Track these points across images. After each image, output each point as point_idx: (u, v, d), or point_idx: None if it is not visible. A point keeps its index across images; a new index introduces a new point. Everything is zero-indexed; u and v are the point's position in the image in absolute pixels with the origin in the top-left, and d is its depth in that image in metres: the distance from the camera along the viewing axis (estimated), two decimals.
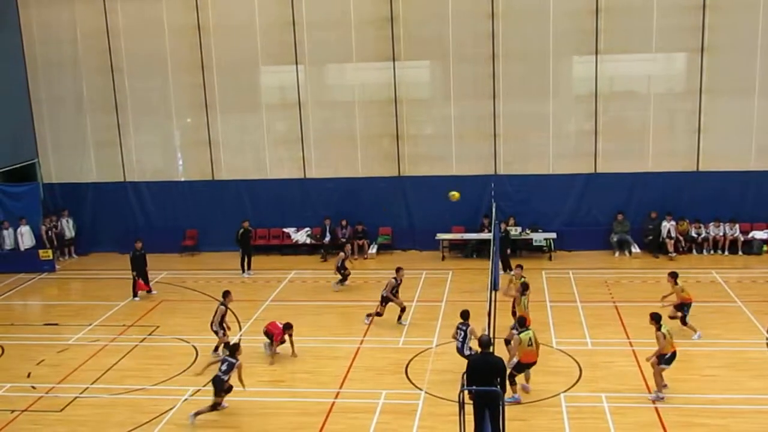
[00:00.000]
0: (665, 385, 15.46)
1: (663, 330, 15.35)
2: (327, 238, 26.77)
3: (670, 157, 25.77)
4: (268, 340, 17.90)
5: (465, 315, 16.40)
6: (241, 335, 19.27)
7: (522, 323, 15.61)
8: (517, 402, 15.00)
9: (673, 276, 18.23)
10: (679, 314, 18.49)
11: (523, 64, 25.72)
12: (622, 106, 25.92)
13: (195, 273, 25.34)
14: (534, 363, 15.41)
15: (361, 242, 26.72)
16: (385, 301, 19.81)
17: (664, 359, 15.36)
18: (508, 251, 24.65)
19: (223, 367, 15.16)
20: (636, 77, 25.95)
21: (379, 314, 19.76)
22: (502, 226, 24.34)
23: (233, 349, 15.36)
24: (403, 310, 19.80)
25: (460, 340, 16.06)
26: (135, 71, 27.46)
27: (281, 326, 17.91)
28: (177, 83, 27.32)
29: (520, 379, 15.53)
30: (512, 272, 21.41)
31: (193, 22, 26.76)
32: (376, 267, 25.54)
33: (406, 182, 26.82)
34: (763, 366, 16.70)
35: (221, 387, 15.04)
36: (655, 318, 15.56)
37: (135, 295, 22.90)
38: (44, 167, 28.52)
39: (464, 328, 16.18)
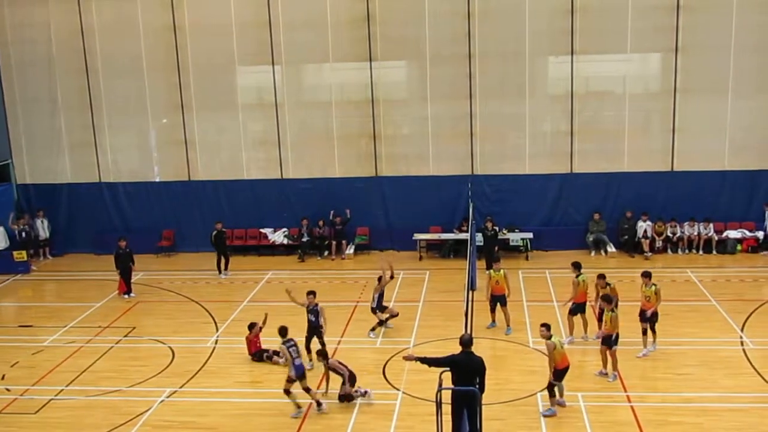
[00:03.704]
0: (607, 374, 15.91)
1: (615, 312, 15.96)
2: (304, 239, 26.70)
3: (645, 156, 25.93)
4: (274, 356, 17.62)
5: (283, 332, 15.52)
6: (218, 336, 19.16)
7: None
8: (553, 415, 14.66)
9: (648, 276, 17.57)
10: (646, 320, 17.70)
11: (499, 64, 25.79)
12: (598, 107, 26.04)
13: (171, 274, 25.18)
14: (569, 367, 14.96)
15: (342, 241, 26.61)
16: (379, 310, 19.27)
17: (611, 341, 15.86)
18: (496, 249, 24.72)
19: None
20: (611, 77, 26.10)
21: (382, 322, 19.27)
22: (489, 224, 24.43)
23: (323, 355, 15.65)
24: (394, 316, 19.45)
25: (295, 355, 15.19)
26: (110, 71, 27.21)
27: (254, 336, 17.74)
28: (153, 83, 27.11)
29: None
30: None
31: (169, 21, 26.57)
32: (354, 267, 25.50)
33: (384, 182, 26.80)
34: (738, 364, 16.81)
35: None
36: (607, 300, 16.06)
37: (125, 292, 22.76)
38: (18, 168, 28.21)
39: (291, 344, 15.31)
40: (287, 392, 15.02)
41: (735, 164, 25.61)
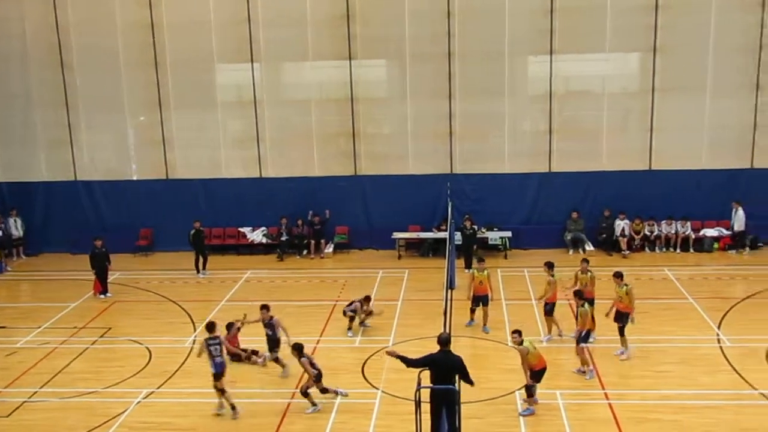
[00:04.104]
0: (585, 372, 16.07)
1: (586, 307, 16.08)
2: (282, 237, 26.59)
3: (623, 156, 26.07)
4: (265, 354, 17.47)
5: (210, 327, 15.31)
6: (196, 336, 19.02)
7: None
8: (531, 414, 14.66)
9: (620, 276, 17.37)
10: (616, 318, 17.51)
11: (479, 63, 25.82)
12: (577, 106, 26.15)
13: (149, 273, 24.99)
14: (546, 368, 14.96)
15: (321, 240, 26.54)
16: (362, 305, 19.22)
17: (583, 337, 15.97)
18: (476, 248, 24.76)
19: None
20: (590, 77, 26.21)
21: (369, 313, 19.28)
22: (468, 223, 24.42)
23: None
24: (369, 314, 19.37)
25: (217, 354, 15.01)
26: (86, 67, 26.89)
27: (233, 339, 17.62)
28: (130, 80, 26.86)
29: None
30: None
31: (146, 17, 26.32)
32: (333, 266, 25.46)
33: (363, 181, 26.79)
34: (715, 362, 16.90)
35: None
36: (577, 295, 16.32)
37: (101, 292, 22.56)
38: None
39: (215, 342, 15.15)
40: (221, 391, 14.97)
41: (712, 163, 25.81)
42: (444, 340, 12.97)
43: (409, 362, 12.90)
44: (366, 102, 26.49)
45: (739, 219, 25.28)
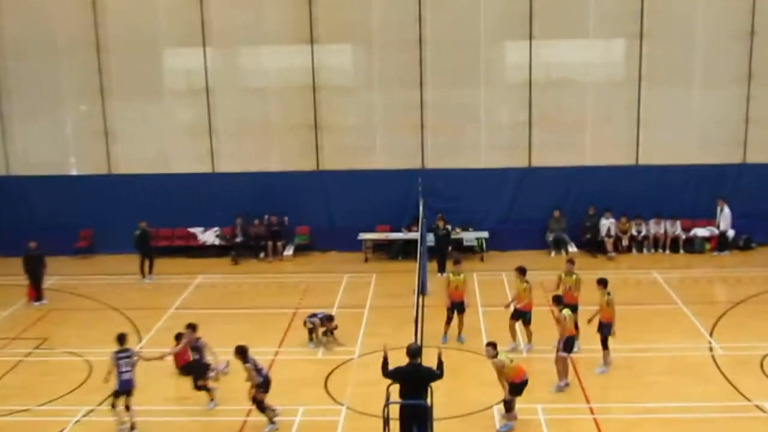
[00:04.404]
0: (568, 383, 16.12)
1: (565, 312, 16.06)
2: (238, 239, 26.47)
3: (608, 150, 26.35)
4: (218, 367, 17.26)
5: (121, 339, 15.23)
6: (141, 348, 18.79)
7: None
8: (510, 430, 14.67)
9: (603, 283, 17.12)
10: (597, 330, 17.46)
11: (452, 49, 25.93)
12: (558, 96, 26.33)
13: (89, 278, 24.75)
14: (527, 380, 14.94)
15: (278, 243, 26.49)
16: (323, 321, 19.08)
17: (565, 346, 15.99)
18: (450, 249, 24.84)
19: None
20: (572, 64, 26.43)
21: (330, 331, 19.08)
22: (440, 223, 24.49)
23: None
24: (330, 332, 19.13)
25: (126, 370, 14.91)
26: (19, 52, 26.54)
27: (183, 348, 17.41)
28: (68, 66, 26.59)
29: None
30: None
31: None
32: (293, 270, 25.39)
33: (326, 177, 26.79)
34: (706, 371, 17.04)
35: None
36: (557, 300, 16.38)
37: (36, 299, 22.30)
38: None
39: (125, 355, 15.08)
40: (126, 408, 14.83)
41: (703, 158, 26.15)
42: (413, 351, 12.95)
43: (383, 371, 12.93)
44: (329, 91, 26.47)
45: (725, 218, 25.63)
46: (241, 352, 15.01)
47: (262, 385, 14.99)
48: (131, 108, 26.89)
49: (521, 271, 18.32)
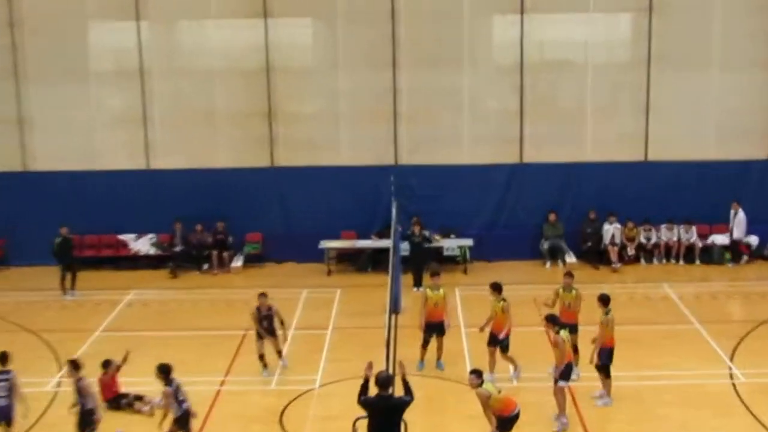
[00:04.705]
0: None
1: (562, 334, 15.88)
2: (177, 248, 26.38)
3: (612, 143, 26.54)
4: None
5: (3, 358, 15.20)
6: (61, 377, 18.58)
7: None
8: None
9: (604, 300, 16.96)
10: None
11: (430, 24, 26.08)
12: (554, 79, 26.53)
13: None
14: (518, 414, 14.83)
15: (224, 253, 26.48)
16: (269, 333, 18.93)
17: (563, 374, 15.87)
18: (428, 260, 24.88)
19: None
20: (570, 43, 26.61)
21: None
22: (416, 228, 24.57)
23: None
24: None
25: (2, 395, 14.92)
26: None
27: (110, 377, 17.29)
28: None
29: None
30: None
31: None
32: (243, 284, 25.23)
33: (282, 174, 26.84)
34: (726, 402, 17.03)
35: None
36: (551, 320, 16.08)
37: None
38: None
39: (3, 378, 15.01)
40: None
41: (722, 153, 26.39)
42: (383, 381, 12.91)
43: (359, 397, 13.03)
44: (286, 73, 26.53)
45: (738, 224, 25.91)
46: (164, 372, 14.76)
47: (179, 420, 14.69)
48: (51, 93, 26.76)
49: (496, 287, 18.13)
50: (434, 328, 18.61)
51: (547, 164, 26.50)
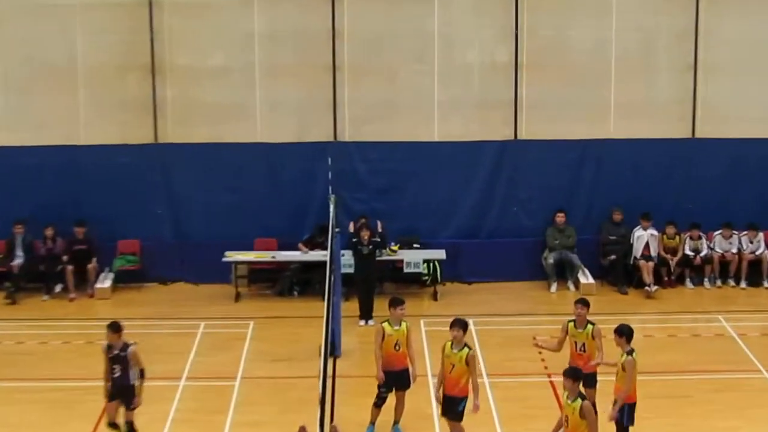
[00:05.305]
0: None
1: (579, 402, 15.10)
2: (17, 260, 26.13)
3: (645, 112, 26.57)
4: None
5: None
6: None
7: None
8: None
9: (625, 334, 16.55)
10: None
11: None
12: (561, 20, 26.72)
13: None
14: None
15: (88, 265, 26.24)
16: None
17: None
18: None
19: None
20: None
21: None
22: (365, 234, 24.33)
23: None
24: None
25: None
26: None
27: None
28: None
29: None
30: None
31: None
32: (113, 314, 24.37)
33: (170, 155, 27.07)
34: None
35: None
36: (573, 375, 15.24)
37: None
38: None
39: None
40: None
41: None
42: None
43: None
44: (174, 6, 26.72)
45: None
46: None
47: None
48: None
49: (459, 325, 17.38)
50: (393, 379, 18.12)
51: (552, 142, 26.70)
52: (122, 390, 17.36)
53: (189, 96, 26.96)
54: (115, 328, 17.31)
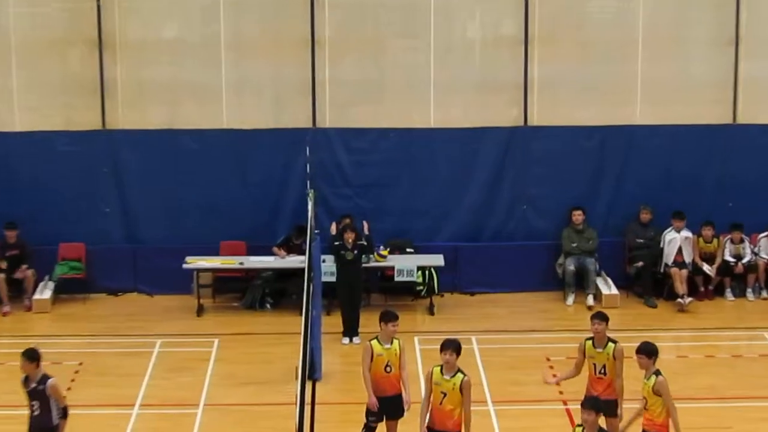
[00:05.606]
0: None
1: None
2: None
3: (678, 96, 26.63)
4: None
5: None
6: None
7: None
8: None
9: (649, 353, 16.35)
10: None
11: None
12: None
13: None
14: None
15: (21, 273, 26.24)
16: None
17: None
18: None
19: None
20: None
21: None
22: (349, 236, 24.30)
23: None
24: None
25: None
26: None
27: None
28: None
29: None
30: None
31: None
32: (53, 331, 25.25)
33: (120, 144, 27.22)
34: None
35: None
36: (593, 405, 15.08)
37: None
38: None
39: None
40: None
41: None
42: None
43: None
44: None
45: None
46: None
47: None
48: None
49: (452, 347, 17.21)
50: (384, 406, 18.14)
51: (568, 129, 26.81)
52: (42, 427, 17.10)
53: (142, 75, 27.08)
54: (30, 356, 16.71)
